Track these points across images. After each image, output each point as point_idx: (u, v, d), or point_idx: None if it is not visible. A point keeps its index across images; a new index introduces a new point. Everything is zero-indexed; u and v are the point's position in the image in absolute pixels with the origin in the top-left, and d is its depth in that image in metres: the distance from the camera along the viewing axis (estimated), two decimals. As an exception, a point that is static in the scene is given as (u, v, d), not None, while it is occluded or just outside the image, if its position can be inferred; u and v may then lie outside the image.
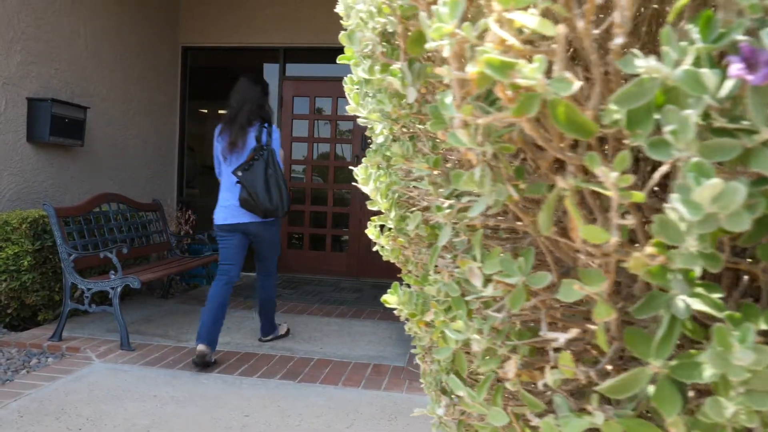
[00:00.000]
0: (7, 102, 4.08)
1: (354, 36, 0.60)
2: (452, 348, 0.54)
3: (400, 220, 0.63)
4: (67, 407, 2.56)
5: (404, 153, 0.58)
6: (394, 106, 0.56)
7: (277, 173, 3.28)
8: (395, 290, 0.57)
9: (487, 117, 0.39)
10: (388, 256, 0.66)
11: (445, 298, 0.53)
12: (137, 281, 3.47)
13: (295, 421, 2.51)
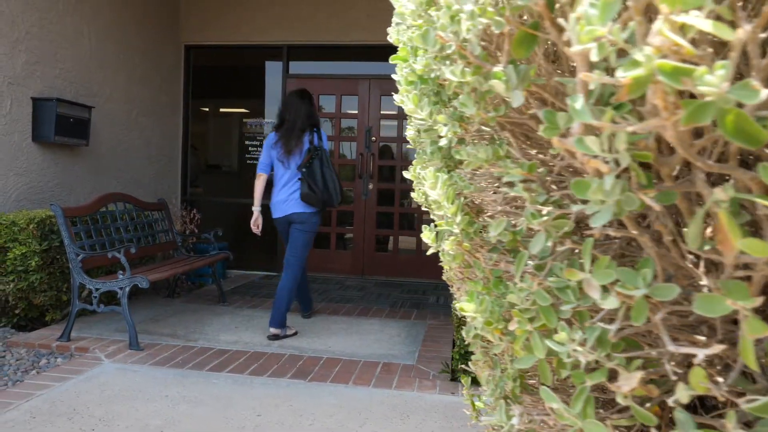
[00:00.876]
0: (12, 102, 4.07)
1: (428, 36, 0.59)
2: (536, 358, 0.54)
3: (468, 224, 0.62)
4: (79, 408, 2.56)
5: (488, 157, 0.57)
6: (479, 109, 0.55)
7: (331, 169, 3.84)
8: (472, 297, 0.56)
9: (638, 125, 0.38)
10: (449, 262, 0.65)
11: (530, 307, 0.53)
12: (146, 281, 3.46)
13: (308, 421, 2.51)
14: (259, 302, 4.88)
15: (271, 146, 3.89)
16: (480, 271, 0.64)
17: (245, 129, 6.63)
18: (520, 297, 0.53)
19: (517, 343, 0.54)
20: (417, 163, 0.79)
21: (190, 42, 6.48)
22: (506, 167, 0.54)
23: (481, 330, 0.57)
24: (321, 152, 3.84)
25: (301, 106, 3.86)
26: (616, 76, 0.38)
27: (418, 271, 6.23)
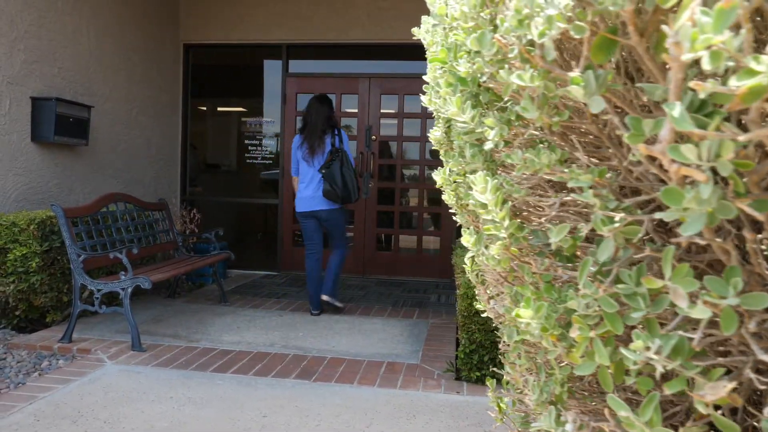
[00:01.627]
0: (11, 101, 4.04)
1: (484, 39, 0.58)
2: (596, 364, 0.52)
3: (517, 229, 0.61)
4: (83, 410, 2.54)
5: (550, 162, 0.56)
6: (542, 113, 0.54)
7: (350, 169, 4.23)
8: (528, 303, 0.55)
9: (749, 134, 0.37)
10: (494, 266, 0.64)
11: (591, 314, 0.51)
12: (148, 281, 3.44)
13: (314, 422, 2.50)
14: (260, 302, 4.86)
15: (297, 147, 4.34)
16: (529, 275, 0.62)
17: (245, 128, 6.61)
18: (583, 303, 0.51)
19: (578, 350, 0.53)
20: (453, 166, 0.77)
21: (189, 41, 6.45)
22: (573, 173, 0.53)
23: (538, 336, 0.55)
24: (341, 154, 4.23)
25: (321, 109, 4.29)
26: (729, 84, 0.37)
27: (418, 269, 6.23)
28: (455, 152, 0.80)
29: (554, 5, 0.48)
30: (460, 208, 0.85)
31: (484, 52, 0.59)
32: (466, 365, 2.98)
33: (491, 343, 2.92)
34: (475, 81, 0.69)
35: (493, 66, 0.60)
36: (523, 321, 0.55)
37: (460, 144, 0.80)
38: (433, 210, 6.23)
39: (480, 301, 0.99)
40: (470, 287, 2.88)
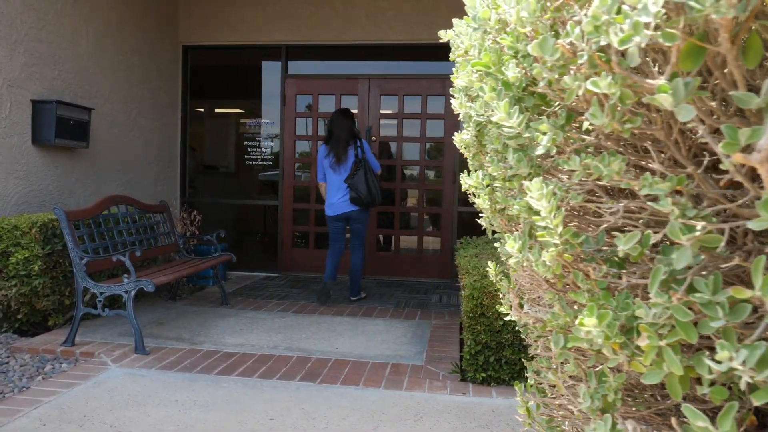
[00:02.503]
0: (12, 104, 4.02)
1: (546, 44, 0.57)
2: (664, 373, 0.52)
3: (573, 236, 0.60)
4: (89, 414, 2.53)
5: (620, 169, 0.56)
6: (611, 119, 0.54)
7: (372, 177, 4.71)
8: (592, 312, 0.55)
9: None
10: (544, 272, 0.64)
11: (659, 321, 0.51)
12: (151, 284, 3.43)
13: (321, 424, 2.49)
14: (262, 304, 4.85)
15: (324, 157, 4.82)
16: (583, 282, 0.62)
17: (244, 129, 6.60)
18: (653, 312, 0.51)
19: (646, 358, 0.53)
20: (493, 170, 0.77)
21: (188, 42, 6.44)
22: (645, 180, 0.52)
23: (599, 345, 0.55)
24: (365, 163, 4.70)
25: (344, 122, 4.76)
26: None
27: (419, 270, 6.23)
28: (493, 156, 0.80)
29: (646, 12, 0.48)
30: (495, 212, 0.84)
31: (546, 58, 0.59)
32: (472, 366, 2.98)
33: (497, 344, 2.92)
34: (520, 86, 0.69)
35: (552, 71, 0.60)
36: (584, 329, 0.55)
37: (497, 148, 0.79)
38: (432, 210, 6.23)
39: (504, 305, 0.99)
40: (476, 288, 2.88)
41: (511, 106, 0.65)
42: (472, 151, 0.97)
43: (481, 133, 0.92)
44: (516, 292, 0.91)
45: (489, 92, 0.68)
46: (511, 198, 0.76)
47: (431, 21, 6.05)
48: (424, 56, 6.26)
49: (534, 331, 0.92)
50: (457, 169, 6.13)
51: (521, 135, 0.66)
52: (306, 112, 6.39)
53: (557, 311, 0.68)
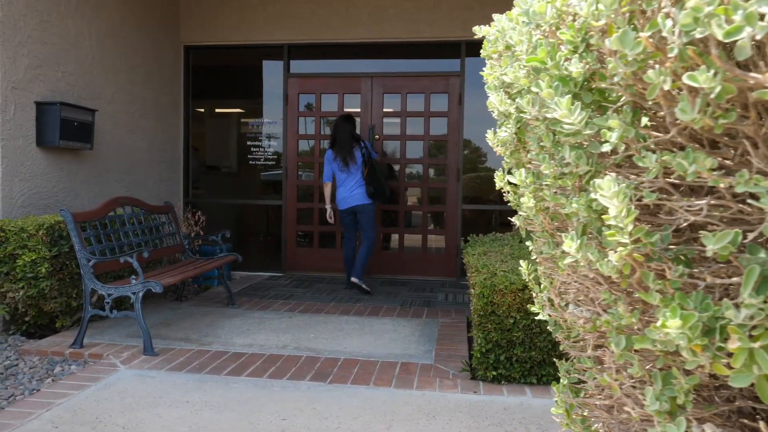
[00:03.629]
0: (16, 106, 4.01)
1: (627, 37, 0.56)
2: (754, 375, 0.52)
3: (645, 234, 0.60)
4: (101, 416, 2.53)
5: (712, 165, 0.55)
6: (703, 115, 0.53)
7: (381, 173, 5.27)
8: (675, 313, 0.54)
9: None
10: (609, 272, 0.63)
11: (751, 323, 0.51)
12: (159, 286, 3.43)
13: (334, 424, 2.49)
14: (268, 303, 4.85)
15: (332, 160, 5.28)
16: (654, 283, 0.61)
17: (247, 129, 6.59)
18: (743, 313, 0.51)
19: (736, 360, 0.52)
20: (545, 168, 0.76)
21: (189, 42, 6.42)
22: (743, 176, 0.52)
23: (681, 347, 0.54)
24: (372, 161, 5.23)
25: (346, 127, 5.23)
26: None
27: (423, 268, 6.22)
28: (543, 154, 0.79)
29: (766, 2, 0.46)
30: (539, 211, 0.84)
31: (626, 52, 0.58)
32: (482, 365, 2.98)
33: (507, 342, 2.92)
34: (578, 82, 0.69)
35: (629, 66, 0.59)
36: (665, 330, 0.54)
37: (546, 145, 0.78)
38: (436, 209, 6.22)
39: (537, 305, 0.98)
40: (487, 287, 2.88)
41: (573, 102, 0.64)
42: (509, 149, 0.96)
43: (521, 130, 0.91)
44: (556, 291, 0.91)
45: (546, 88, 0.67)
46: (561, 196, 0.75)
47: (433, 18, 6.04)
48: (426, 54, 6.25)
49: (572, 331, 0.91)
50: (461, 166, 6.12)
51: (581, 132, 0.66)
52: (309, 111, 6.38)
53: (621, 312, 0.67)
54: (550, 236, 0.84)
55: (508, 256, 3.37)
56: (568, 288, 0.85)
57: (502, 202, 6.34)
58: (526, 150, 0.93)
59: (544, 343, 2.89)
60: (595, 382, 0.87)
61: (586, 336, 0.87)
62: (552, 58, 0.70)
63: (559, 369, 1.03)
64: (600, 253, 0.65)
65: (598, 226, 0.67)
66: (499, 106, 0.88)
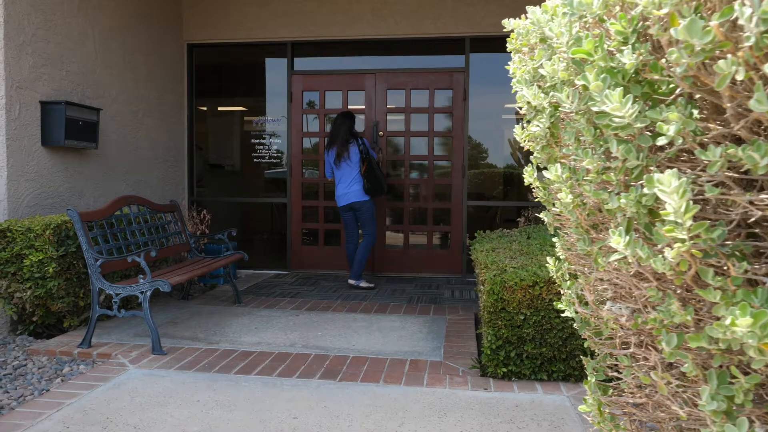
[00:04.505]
0: (21, 106, 4.00)
1: (695, 26, 0.55)
2: None
3: (706, 231, 0.58)
4: (112, 416, 2.52)
5: None
6: None
7: (379, 169, 5.35)
8: (745, 311, 0.53)
9: None
10: (662, 268, 0.61)
11: None
12: (167, 285, 3.42)
13: (346, 422, 2.48)
14: (274, 302, 4.84)
15: (327, 155, 5.42)
16: (713, 279, 0.60)
17: (251, 127, 6.58)
18: None
19: None
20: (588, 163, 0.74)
21: (192, 40, 6.41)
22: None
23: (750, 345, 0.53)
24: (370, 158, 5.28)
25: (343, 123, 5.31)
26: None
27: (429, 265, 6.21)
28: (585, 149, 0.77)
29: None
30: (576, 207, 0.82)
31: (693, 42, 0.56)
32: (492, 361, 2.97)
33: (518, 339, 2.91)
34: (626, 75, 0.67)
35: (695, 57, 0.57)
36: (734, 328, 0.52)
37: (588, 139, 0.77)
38: (442, 205, 6.20)
39: (564, 302, 0.97)
40: (497, 283, 2.86)
41: (623, 95, 0.63)
42: (541, 144, 0.94)
43: (555, 125, 0.89)
44: (591, 288, 0.89)
45: (594, 81, 0.66)
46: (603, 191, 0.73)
47: (437, 14, 6.01)
48: (430, 50, 6.23)
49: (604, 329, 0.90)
50: (466, 163, 6.10)
51: (631, 125, 0.64)
52: (313, 108, 6.36)
53: (674, 309, 0.65)
54: (585, 232, 0.82)
55: (517, 252, 3.36)
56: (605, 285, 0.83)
57: (506, 198, 6.32)
58: (558, 145, 0.91)
59: (555, 339, 2.87)
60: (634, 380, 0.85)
61: (620, 334, 0.86)
62: (599, 50, 0.68)
63: (585, 367, 1.01)
64: (649, 249, 0.63)
65: (646, 222, 0.65)
66: (533, 101, 0.87)
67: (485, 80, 6.13)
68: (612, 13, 0.72)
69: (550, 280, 2.84)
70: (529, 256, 3.23)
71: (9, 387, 2.96)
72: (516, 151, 6.35)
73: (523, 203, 6.21)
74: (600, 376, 0.97)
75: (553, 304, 1.22)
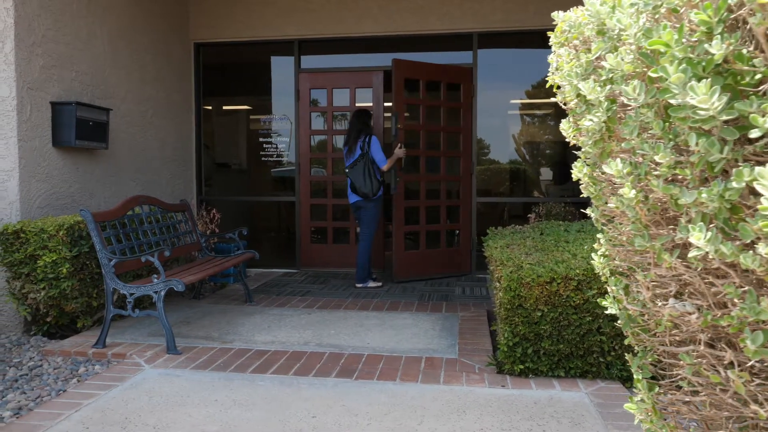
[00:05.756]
0: (32, 107, 4.00)
1: None
2: None
3: None
4: (130, 416, 2.52)
5: None
6: None
7: (371, 170, 5.22)
8: None
9: None
10: (753, 265, 0.60)
11: None
12: (181, 284, 3.42)
13: (365, 420, 2.47)
14: (285, 300, 4.84)
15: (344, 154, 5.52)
16: None
17: (258, 126, 6.57)
18: None
19: None
20: (662, 158, 0.72)
21: (199, 39, 6.40)
22: None
23: None
24: (366, 156, 5.23)
25: (356, 121, 5.34)
26: None
27: (439, 263, 6.19)
28: (653, 143, 0.75)
29: None
30: (638, 203, 0.80)
31: None
32: (509, 358, 2.95)
33: (535, 335, 2.89)
34: (706, 66, 0.65)
35: None
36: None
37: (658, 132, 0.75)
38: (452, 202, 6.18)
39: (608, 299, 0.95)
40: (514, 280, 2.85)
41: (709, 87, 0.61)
42: (594, 138, 0.93)
43: (611, 119, 0.87)
44: (648, 285, 0.87)
45: (675, 72, 0.64)
46: (672, 186, 0.71)
47: (445, 10, 5.99)
48: (437, 46, 6.21)
49: (659, 326, 0.88)
50: (475, 159, 6.08)
51: (715, 118, 0.62)
52: (320, 106, 6.35)
53: (764, 306, 0.64)
54: (644, 228, 0.81)
55: (532, 248, 3.34)
56: (669, 281, 0.82)
57: (512, 195, 6.31)
58: (613, 139, 0.90)
59: (572, 336, 2.86)
60: (702, 378, 0.83)
61: (673, 331, 0.84)
62: (678, 41, 0.66)
63: (631, 365, 1.00)
64: (732, 245, 0.62)
65: (725, 217, 0.64)
66: (589, 94, 0.85)
67: (492, 77, 6.11)
68: (692, 3, 0.70)
69: (568, 276, 2.82)
70: (544, 252, 3.21)
71: (26, 388, 2.96)
72: (520, 147, 6.32)
73: (530, 199, 6.19)
74: (646, 373, 0.96)
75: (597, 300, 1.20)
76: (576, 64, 0.91)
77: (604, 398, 2.70)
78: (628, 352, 1.93)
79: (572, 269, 2.84)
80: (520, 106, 6.28)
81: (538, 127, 6.37)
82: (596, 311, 2.82)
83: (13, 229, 3.63)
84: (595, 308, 2.82)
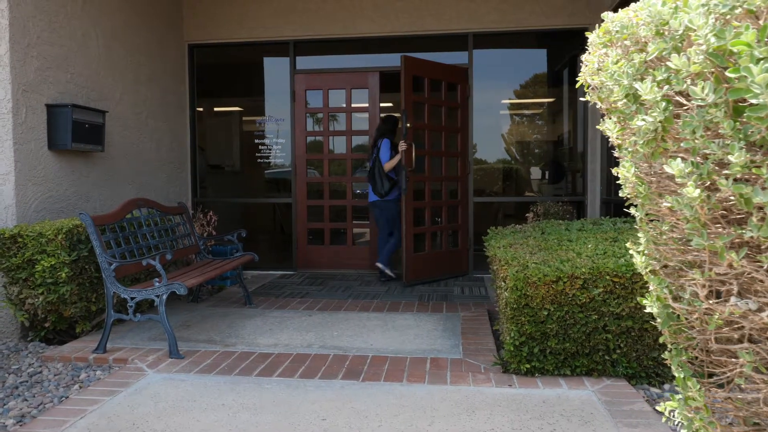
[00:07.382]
0: (27, 109, 3.95)
1: None
2: None
3: None
4: (137, 422, 2.49)
5: None
6: None
7: (380, 171, 5.56)
8: None
9: None
10: None
11: None
12: (183, 287, 3.38)
13: (375, 422, 2.46)
14: (285, 302, 4.81)
15: None
16: None
17: (254, 127, 6.53)
18: None
19: None
20: (737, 156, 0.72)
21: (193, 41, 6.36)
22: None
23: None
24: (377, 158, 5.57)
25: (381, 125, 5.70)
26: None
27: (438, 263, 6.18)
28: (731, 143, 0.75)
29: None
30: (702, 201, 0.80)
31: None
32: (515, 358, 2.96)
33: (541, 334, 2.90)
34: None
35: None
36: None
37: (728, 132, 0.75)
38: (449, 203, 6.18)
39: (649, 298, 0.95)
40: (520, 279, 2.85)
41: None
42: (646, 138, 0.92)
43: (668, 119, 0.87)
44: (703, 283, 0.87)
45: (760, 73, 0.64)
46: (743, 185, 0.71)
47: (440, 11, 5.99)
48: (433, 46, 6.21)
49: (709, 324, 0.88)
50: (471, 159, 6.09)
51: None
52: (316, 107, 6.33)
53: None
54: (703, 227, 0.81)
55: (535, 248, 3.35)
56: (729, 279, 0.82)
57: (506, 194, 6.33)
58: (667, 139, 0.89)
59: (578, 334, 2.87)
60: (762, 376, 0.83)
61: (724, 329, 0.84)
62: (761, 42, 0.66)
63: (671, 363, 0.99)
64: None
65: None
66: (646, 95, 0.84)
67: (487, 76, 6.12)
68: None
69: (574, 275, 2.83)
70: (548, 251, 3.22)
71: (27, 395, 2.92)
72: (510, 147, 6.34)
73: (524, 198, 6.21)
74: (687, 371, 0.95)
75: (638, 299, 1.20)
76: (626, 64, 0.91)
77: (611, 396, 2.71)
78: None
79: (578, 268, 2.85)
80: (514, 106, 6.30)
81: (528, 126, 6.39)
82: (602, 309, 2.83)
83: (10, 233, 3.58)
84: (601, 306, 2.83)
